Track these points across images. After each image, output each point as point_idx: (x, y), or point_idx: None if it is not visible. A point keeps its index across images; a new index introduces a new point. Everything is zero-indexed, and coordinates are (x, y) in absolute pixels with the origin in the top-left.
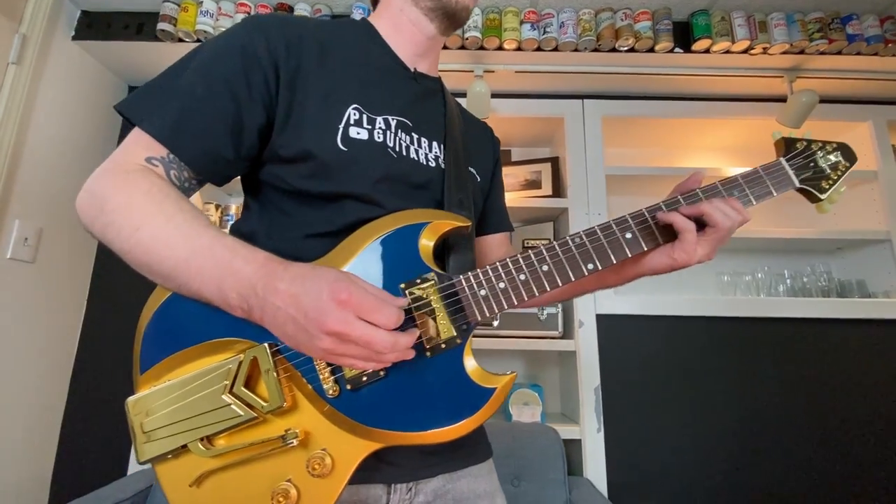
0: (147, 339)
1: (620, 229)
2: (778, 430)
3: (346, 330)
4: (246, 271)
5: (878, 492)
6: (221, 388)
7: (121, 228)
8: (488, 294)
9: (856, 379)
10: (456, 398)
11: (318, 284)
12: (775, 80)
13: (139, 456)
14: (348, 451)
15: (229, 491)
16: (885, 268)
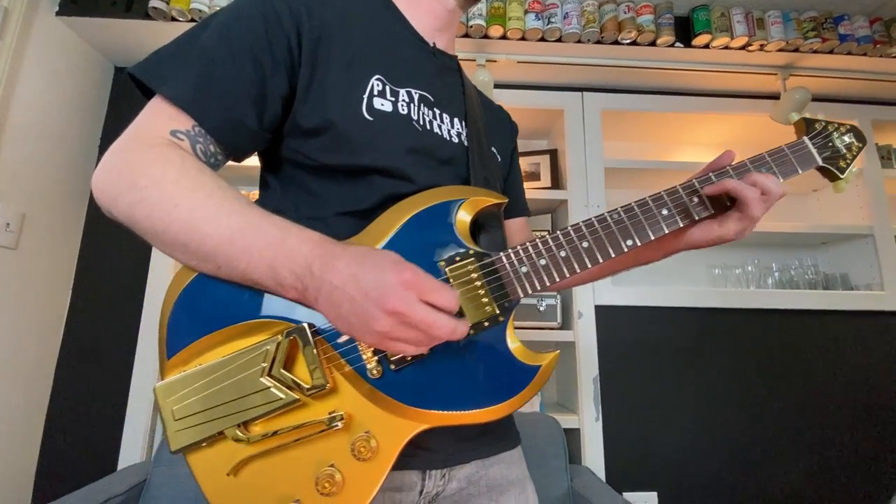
0: (173, 322)
1: (657, 205)
2: (768, 417)
3: (408, 311)
4: (301, 250)
5: (860, 473)
6: (259, 371)
7: (154, 206)
8: (529, 271)
9: (839, 368)
10: (501, 376)
11: (381, 263)
12: (769, 77)
13: (172, 444)
14: (393, 434)
15: (270, 478)
16: (868, 262)
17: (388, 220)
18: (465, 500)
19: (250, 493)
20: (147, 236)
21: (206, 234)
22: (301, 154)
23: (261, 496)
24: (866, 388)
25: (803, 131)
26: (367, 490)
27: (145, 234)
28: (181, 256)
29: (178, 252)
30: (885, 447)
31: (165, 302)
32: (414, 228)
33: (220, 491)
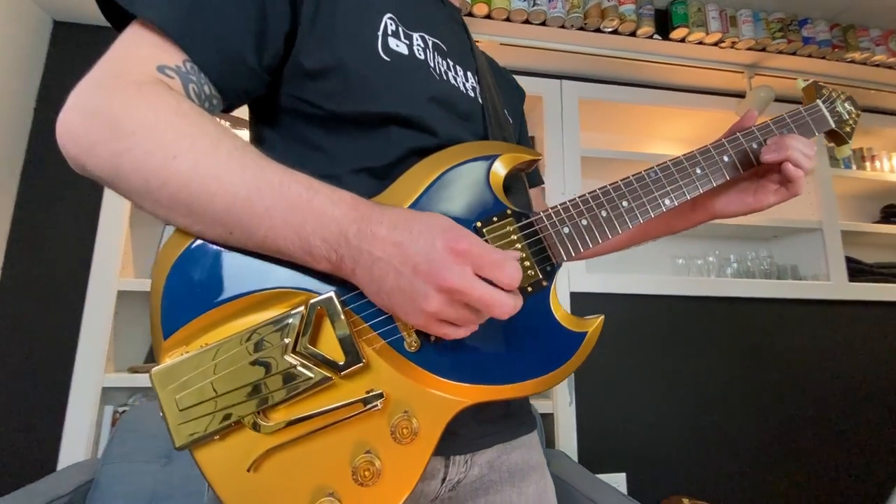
0: (169, 296)
1: (691, 164)
2: (729, 399)
3: (464, 287)
4: (333, 213)
5: (813, 445)
6: (282, 348)
7: (146, 157)
8: (572, 232)
9: (791, 352)
10: (547, 345)
11: (430, 231)
12: (737, 75)
13: (176, 440)
14: (434, 412)
15: (298, 471)
16: (816, 254)
17: (415, 178)
18: (486, 486)
19: (276, 489)
20: (133, 195)
21: (214, 193)
22: (304, 101)
23: (289, 492)
24: (815, 371)
25: (814, 96)
26: (410, 476)
27: (131, 193)
28: (181, 219)
29: (176, 214)
30: (830, 422)
31: (157, 271)
32: (445, 186)
33: (239, 490)
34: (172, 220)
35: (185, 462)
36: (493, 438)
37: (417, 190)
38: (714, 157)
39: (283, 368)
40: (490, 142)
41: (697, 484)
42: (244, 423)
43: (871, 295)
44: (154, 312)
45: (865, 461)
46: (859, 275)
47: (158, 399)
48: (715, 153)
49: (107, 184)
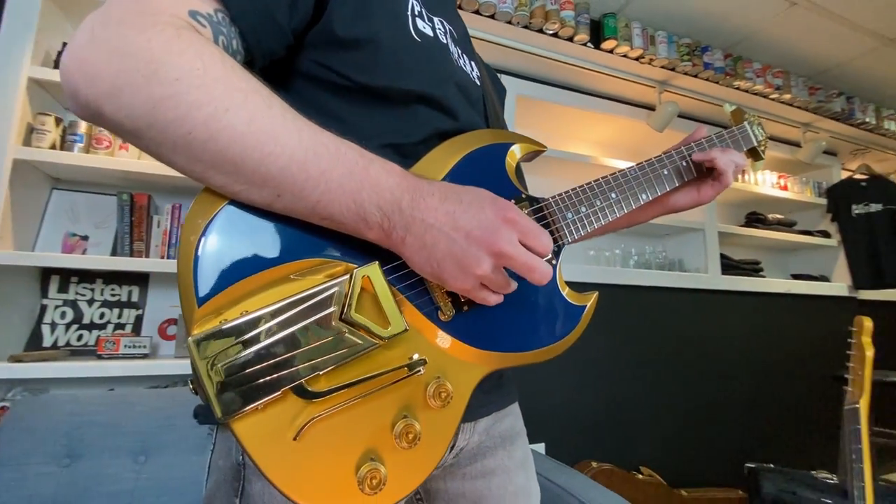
0: (204, 260)
1: (660, 166)
2: (632, 374)
3: (513, 252)
4: (388, 182)
5: (686, 406)
6: (329, 316)
7: (193, 107)
8: (574, 218)
9: (679, 331)
10: (556, 317)
11: (479, 201)
12: (649, 89)
13: (218, 411)
14: (463, 378)
15: (343, 437)
16: (698, 251)
17: (441, 158)
18: (483, 451)
19: (321, 457)
20: (164, 148)
21: (270, 153)
22: (330, 70)
23: (334, 459)
24: (698, 347)
25: (740, 119)
26: (444, 439)
27: (163, 146)
28: (220, 177)
29: (217, 172)
30: (710, 389)
31: (188, 235)
32: (468, 168)
33: (284, 460)
34: (209, 177)
35: (96, 462)
36: (490, 407)
37: (444, 169)
38: (675, 160)
39: (331, 335)
40: (503, 130)
41: (605, 450)
42: (291, 391)
43: (737, 286)
44: (185, 278)
45: (741, 421)
46: (729, 269)
47: (197, 368)
48: (676, 158)
49: (127, 133)
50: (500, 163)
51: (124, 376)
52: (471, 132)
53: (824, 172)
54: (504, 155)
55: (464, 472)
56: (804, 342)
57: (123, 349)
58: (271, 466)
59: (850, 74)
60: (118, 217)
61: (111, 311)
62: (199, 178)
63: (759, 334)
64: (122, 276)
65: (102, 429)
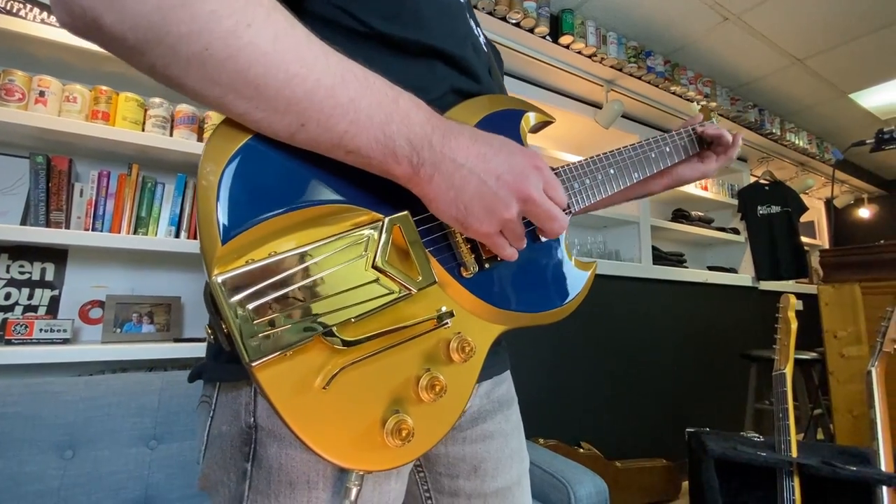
0: (228, 194)
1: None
2: (573, 353)
3: (540, 199)
4: (418, 116)
5: (620, 385)
6: (362, 261)
7: (212, 18)
8: (580, 188)
9: (616, 316)
10: (563, 280)
11: (509, 146)
12: (598, 87)
13: (248, 354)
14: (481, 335)
15: (369, 388)
16: (632, 242)
17: (462, 115)
18: (483, 416)
19: (348, 407)
20: (174, 67)
21: (295, 75)
22: (347, 14)
23: (360, 410)
24: (632, 330)
25: (708, 115)
26: (464, 393)
27: (172, 65)
28: (240, 103)
29: (236, 95)
30: (641, 366)
31: (209, 167)
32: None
33: (309, 410)
34: (227, 103)
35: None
36: (491, 371)
37: None
38: (676, 140)
39: (365, 281)
40: (517, 98)
41: (549, 427)
42: (323, 337)
43: (665, 275)
44: (207, 214)
45: (668, 395)
46: (659, 259)
47: (223, 309)
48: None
49: (129, 50)
50: (516, 128)
51: (42, 363)
52: (489, 95)
53: (736, 176)
54: (519, 120)
55: (464, 435)
56: (717, 325)
57: (38, 333)
58: (297, 417)
59: (763, 89)
60: (31, 182)
61: (19, 292)
62: (215, 103)
63: (681, 319)
64: (32, 250)
65: (20, 422)
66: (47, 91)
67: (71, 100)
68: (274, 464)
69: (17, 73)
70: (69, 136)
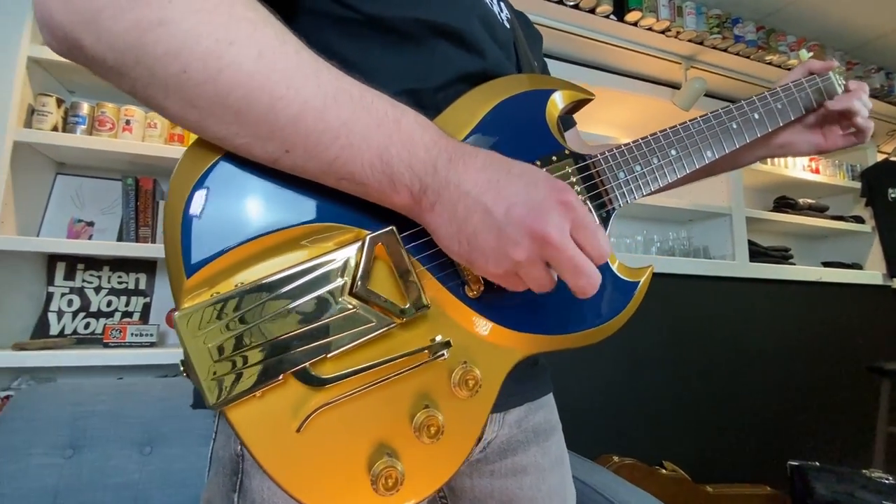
0: (192, 224)
1: (750, 108)
2: (653, 362)
3: (559, 243)
4: (423, 139)
5: (712, 399)
6: (338, 289)
7: (190, 37)
8: (627, 178)
9: (704, 321)
10: (603, 294)
11: (531, 174)
12: (674, 65)
13: (210, 396)
14: (494, 364)
15: (353, 429)
16: (724, 237)
17: (468, 107)
18: (514, 447)
19: (329, 451)
20: (153, 89)
21: (281, 97)
22: (336, 2)
23: (343, 454)
24: (722, 337)
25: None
26: (472, 432)
27: (151, 86)
28: (220, 128)
29: (216, 120)
30: (736, 380)
31: (175, 195)
32: (500, 119)
33: (285, 454)
34: (206, 127)
35: (99, 453)
36: (522, 397)
37: (472, 122)
38: (769, 103)
39: (340, 312)
40: (545, 76)
41: (625, 443)
42: (294, 375)
43: (766, 273)
44: (172, 243)
45: (769, 414)
46: (757, 256)
47: (185, 348)
48: (771, 100)
49: (110, 72)
50: (540, 113)
51: (131, 365)
52: (505, 77)
53: (858, 155)
54: (544, 104)
55: (492, 468)
56: (836, 332)
57: (130, 337)
58: (272, 461)
59: (889, 47)
60: (123, 202)
61: (118, 299)
62: (196, 128)
63: (788, 324)
64: (128, 262)
65: (107, 419)
66: (132, 119)
67: (152, 126)
68: (257, 497)
69: (108, 106)
70: (152, 158)
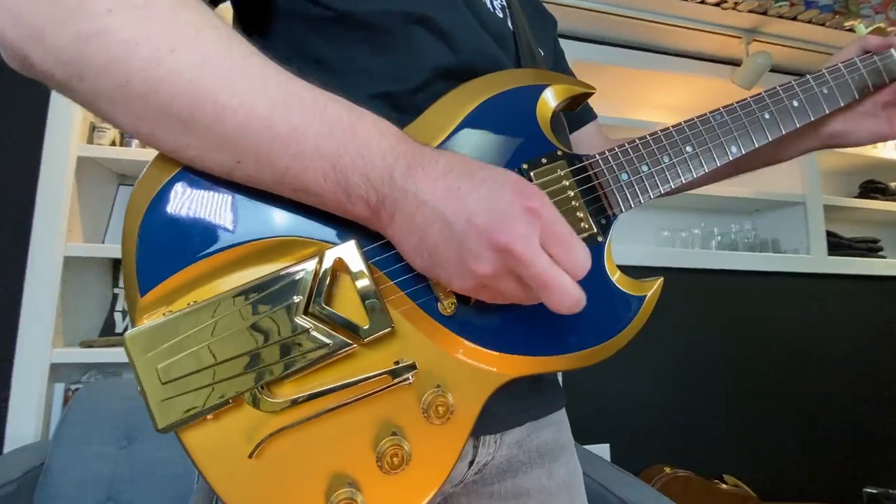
0: (146, 241)
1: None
2: (710, 367)
3: (524, 254)
4: (379, 145)
5: (781, 408)
6: (291, 308)
7: (129, 46)
8: (631, 180)
9: (771, 323)
10: (601, 310)
11: (496, 178)
12: (733, 40)
13: (158, 420)
14: (472, 387)
15: (310, 457)
16: (797, 228)
17: (447, 109)
18: (515, 468)
19: (284, 479)
20: (101, 102)
21: (225, 106)
22: (309, 1)
23: (299, 483)
24: (793, 341)
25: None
26: (445, 462)
27: (98, 99)
28: (169, 139)
29: (165, 132)
30: (809, 390)
31: (132, 212)
32: (484, 119)
33: (238, 480)
34: (157, 139)
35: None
36: (523, 416)
37: (450, 125)
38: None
39: (292, 333)
40: (537, 70)
41: (679, 453)
42: (244, 399)
43: (848, 268)
44: (128, 262)
45: (849, 429)
46: (838, 249)
47: (135, 370)
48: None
49: (60, 86)
50: (530, 111)
51: None
52: (493, 73)
53: None
54: (535, 101)
55: (490, 490)
56: None
57: None
58: (225, 486)
59: None
60: None
61: None
62: (148, 140)
63: (873, 327)
64: None
65: None
66: None
67: None
68: None
69: None
70: None
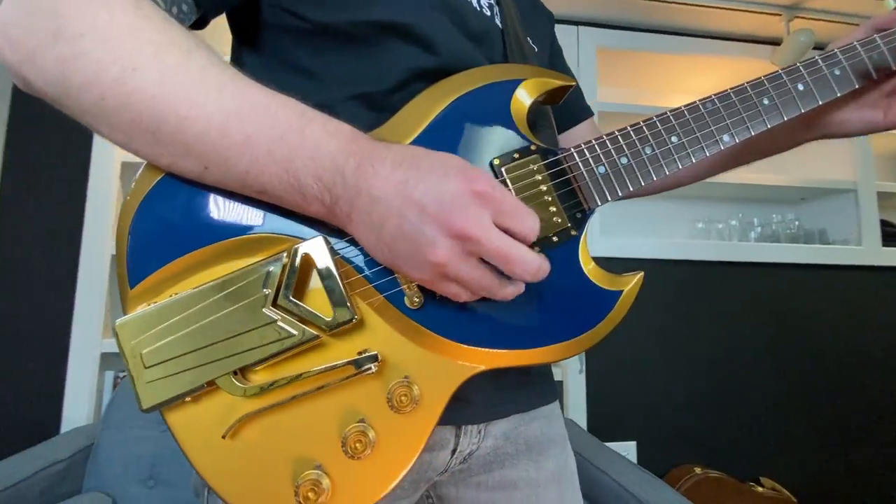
0: (136, 239)
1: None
2: (745, 365)
3: (481, 234)
4: (328, 147)
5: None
6: (261, 300)
7: (99, 66)
8: (608, 172)
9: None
10: (575, 304)
11: (442, 167)
12: (772, 18)
13: (142, 401)
14: (439, 379)
15: (280, 439)
16: (847, 217)
17: (420, 108)
18: (501, 459)
19: (255, 459)
20: (87, 117)
21: (185, 117)
22: (287, 12)
23: (269, 463)
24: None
25: None
26: (409, 449)
27: (84, 115)
28: (145, 149)
29: (139, 142)
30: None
31: (125, 211)
32: (456, 117)
33: (214, 458)
34: (135, 149)
35: None
36: (509, 407)
37: (422, 122)
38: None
39: (261, 324)
40: (512, 65)
41: (709, 453)
42: (219, 384)
43: None
44: (120, 258)
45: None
46: (893, 239)
47: (123, 354)
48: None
49: (54, 102)
50: (503, 108)
51: None
52: (465, 72)
53: None
54: (509, 96)
55: (477, 480)
56: None
57: None
58: (203, 464)
59: None
60: None
61: None
62: (128, 150)
63: None
64: None
65: None
66: None
67: None
68: None
69: None
70: None
